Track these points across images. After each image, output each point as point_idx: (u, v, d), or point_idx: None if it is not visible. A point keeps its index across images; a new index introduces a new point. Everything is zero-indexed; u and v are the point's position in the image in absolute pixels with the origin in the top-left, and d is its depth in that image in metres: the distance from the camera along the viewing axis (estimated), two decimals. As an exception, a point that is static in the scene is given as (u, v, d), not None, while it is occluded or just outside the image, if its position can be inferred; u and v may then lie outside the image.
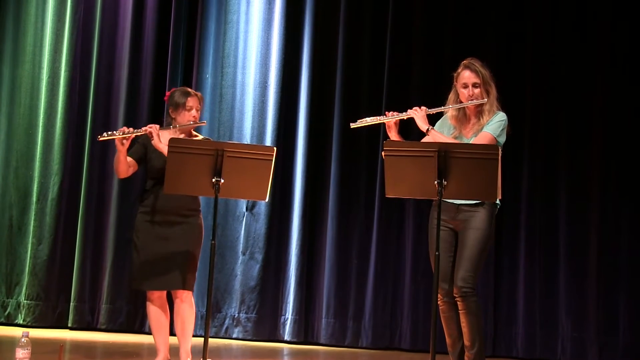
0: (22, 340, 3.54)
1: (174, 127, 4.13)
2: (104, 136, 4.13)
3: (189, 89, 4.28)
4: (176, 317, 4.11)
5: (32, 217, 6.24)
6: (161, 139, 4.09)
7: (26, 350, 3.53)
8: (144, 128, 4.13)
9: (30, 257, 6.19)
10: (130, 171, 4.21)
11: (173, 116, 4.19)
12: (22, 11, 6.48)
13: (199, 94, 4.27)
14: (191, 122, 4.15)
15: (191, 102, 4.16)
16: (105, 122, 6.27)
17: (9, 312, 6.18)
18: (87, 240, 6.17)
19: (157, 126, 4.11)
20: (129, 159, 4.18)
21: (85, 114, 6.31)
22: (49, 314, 6.13)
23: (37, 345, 4.22)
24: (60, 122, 6.31)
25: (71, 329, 6.08)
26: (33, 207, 6.25)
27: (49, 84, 6.36)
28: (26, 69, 6.42)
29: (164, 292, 4.17)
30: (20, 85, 6.42)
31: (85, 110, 6.32)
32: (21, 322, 6.11)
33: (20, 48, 6.45)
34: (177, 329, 4.11)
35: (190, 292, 4.13)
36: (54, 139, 6.30)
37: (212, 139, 4.33)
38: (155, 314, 4.14)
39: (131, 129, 4.10)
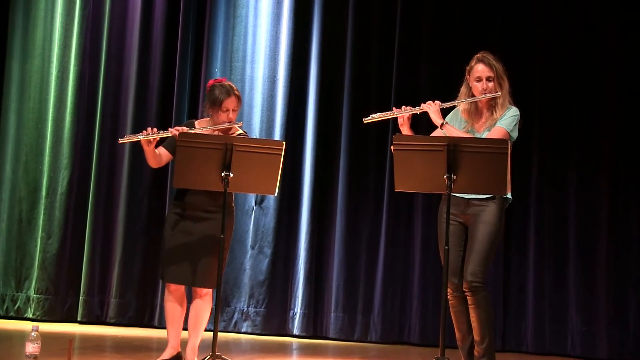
0: (32, 334, 3.55)
1: (203, 128, 4.01)
2: (125, 139, 4.07)
3: (231, 87, 4.05)
4: (191, 311, 4.09)
5: (42, 211, 6.26)
6: (196, 131, 3.99)
7: (36, 345, 3.55)
8: (170, 130, 4.02)
9: (39, 251, 6.21)
10: (163, 163, 4.14)
11: (210, 112, 4.07)
12: (31, 6, 6.49)
13: (238, 93, 4.07)
14: (225, 124, 4.01)
15: (229, 103, 4.01)
16: (114, 117, 6.29)
17: (18, 306, 6.21)
18: (96, 235, 6.18)
19: (185, 128, 3.98)
20: (164, 150, 4.10)
21: (94, 109, 6.32)
22: (59, 308, 6.15)
23: (46, 339, 4.23)
24: (70, 117, 6.32)
25: (80, 322, 6.10)
26: (42, 201, 6.27)
27: (58, 79, 6.38)
28: (36, 63, 6.44)
29: (182, 287, 4.11)
30: (30, 80, 6.44)
31: (95, 105, 6.33)
32: (31, 316, 6.14)
33: (30, 43, 6.46)
34: (190, 323, 4.10)
35: (210, 290, 4.08)
36: (63, 134, 6.31)
37: (247, 133, 4.22)
38: (172, 307, 4.10)
39: (155, 130, 4.00)
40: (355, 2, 6.05)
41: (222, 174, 3.69)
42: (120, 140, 4.12)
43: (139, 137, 3.99)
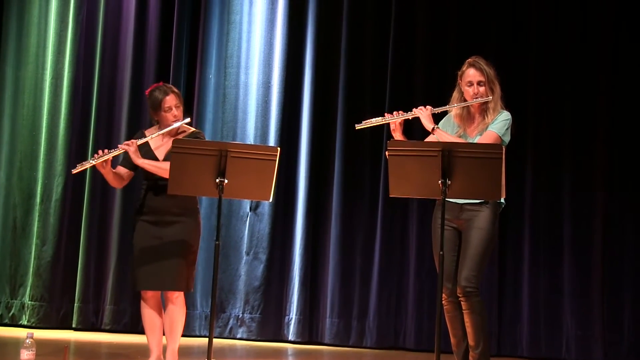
0: (27, 341, 3.54)
1: (152, 135, 4.04)
2: (78, 168, 4.07)
3: (166, 87, 4.11)
4: (165, 318, 4.09)
5: (36, 218, 6.24)
6: (149, 142, 4.04)
7: (31, 352, 3.54)
8: (119, 146, 4.05)
9: (34, 258, 6.19)
10: (125, 181, 4.17)
11: (156, 118, 4.09)
12: (25, 12, 6.48)
13: (175, 90, 4.10)
14: (174, 124, 4.03)
15: (169, 102, 4.03)
16: (109, 123, 6.28)
17: (13, 313, 6.19)
18: (91, 242, 6.17)
19: (134, 142, 4.01)
20: (121, 168, 4.13)
21: (88, 115, 6.32)
22: (53, 315, 6.13)
23: (41, 346, 4.22)
24: (64, 123, 6.31)
25: (75, 329, 6.08)
26: (37, 208, 6.25)
27: (52, 85, 6.37)
28: (29, 70, 6.43)
29: (158, 292, 4.13)
30: (23, 87, 6.42)
31: (89, 111, 6.32)
32: (25, 322, 6.12)
33: (23, 49, 6.45)
34: (166, 329, 4.10)
35: (182, 293, 4.08)
36: (57, 140, 6.30)
37: (201, 131, 4.24)
38: (149, 314, 4.11)
39: (106, 151, 4.01)
40: (349, 8, 6.07)
41: (217, 180, 3.69)
42: (74, 171, 4.12)
43: (91, 162, 4.01)
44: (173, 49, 6.23)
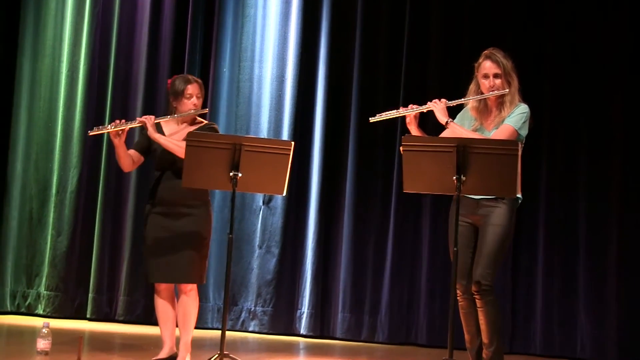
0: (43, 330, 3.58)
1: (172, 116, 4.07)
2: (94, 130, 4.09)
3: (190, 76, 4.17)
4: (178, 310, 4.10)
5: (52, 209, 6.29)
6: (164, 129, 4.07)
7: (47, 341, 3.58)
8: (138, 119, 4.09)
9: (49, 249, 6.25)
10: (135, 164, 4.18)
11: (175, 105, 4.11)
12: (42, 6, 6.52)
13: (199, 80, 4.15)
14: (191, 111, 4.07)
15: (191, 89, 4.06)
16: (123, 115, 6.27)
17: (29, 303, 6.25)
18: (105, 233, 6.21)
19: (152, 117, 4.04)
20: (133, 151, 4.14)
21: (103, 107, 6.35)
22: (68, 305, 6.19)
23: (56, 336, 4.26)
24: (79, 115, 6.35)
25: (90, 320, 6.13)
26: (52, 199, 6.30)
27: (68, 78, 6.41)
28: (46, 62, 6.47)
29: (171, 285, 4.14)
30: (40, 79, 6.47)
31: (104, 103, 6.36)
32: (41, 312, 6.18)
33: (40, 42, 6.50)
34: (179, 321, 4.12)
35: (195, 286, 4.09)
36: (73, 132, 6.35)
37: (216, 125, 4.28)
38: (162, 306, 4.13)
39: (123, 121, 4.05)
40: (364, 1, 6.05)
41: (231, 174, 3.70)
42: (90, 133, 4.15)
43: (108, 127, 4.02)
44: (187, 42, 6.25)
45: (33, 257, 6.31)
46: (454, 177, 3.49)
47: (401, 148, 3.57)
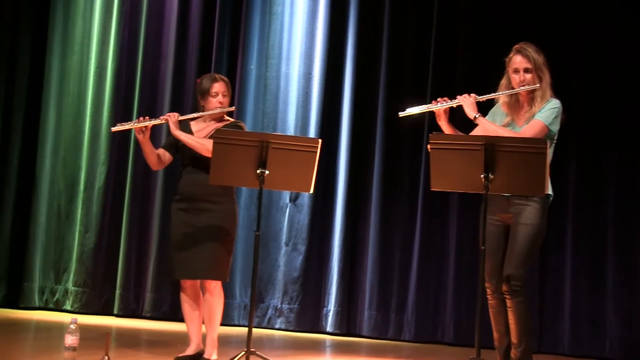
0: (72, 326, 3.60)
1: (197, 114, 4.08)
2: (118, 127, 4.12)
3: (216, 75, 4.20)
4: (203, 306, 4.11)
5: (80, 206, 6.35)
6: (192, 127, 4.08)
7: (75, 337, 3.60)
8: (161, 117, 4.10)
9: (77, 245, 6.31)
10: (163, 163, 4.19)
11: (202, 103, 4.13)
12: (71, 3, 6.59)
13: (225, 78, 4.17)
14: (217, 109, 4.08)
15: (216, 87, 4.08)
16: (151, 113, 6.28)
17: (57, 298, 6.32)
18: (132, 229, 6.26)
19: (176, 114, 4.05)
20: (161, 150, 4.17)
21: (131, 104, 6.40)
22: (96, 301, 6.24)
23: (84, 331, 4.28)
24: (107, 112, 6.40)
25: (117, 316, 6.18)
26: (80, 195, 6.36)
27: (96, 75, 6.46)
28: (75, 60, 6.53)
29: (196, 282, 4.13)
30: (68, 76, 6.54)
31: (132, 101, 6.40)
32: (69, 308, 6.24)
33: (69, 40, 6.56)
34: (204, 318, 4.12)
35: (219, 282, 4.09)
36: (101, 129, 6.40)
37: (242, 123, 4.28)
38: (188, 303, 4.13)
39: (147, 118, 4.07)
40: (391, -1, 6.03)
41: (258, 171, 3.70)
42: (113, 129, 4.17)
43: (132, 124, 4.03)
44: (215, 39, 6.26)
45: (61, 253, 6.37)
46: (482, 176, 3.45)
47: (428, 146, 3.54)
